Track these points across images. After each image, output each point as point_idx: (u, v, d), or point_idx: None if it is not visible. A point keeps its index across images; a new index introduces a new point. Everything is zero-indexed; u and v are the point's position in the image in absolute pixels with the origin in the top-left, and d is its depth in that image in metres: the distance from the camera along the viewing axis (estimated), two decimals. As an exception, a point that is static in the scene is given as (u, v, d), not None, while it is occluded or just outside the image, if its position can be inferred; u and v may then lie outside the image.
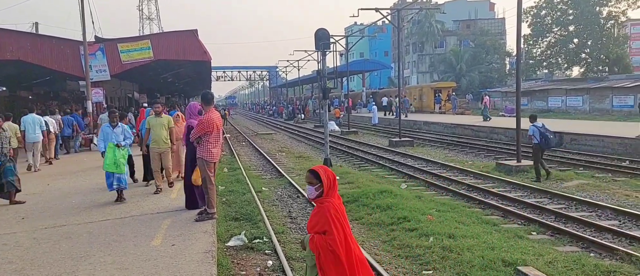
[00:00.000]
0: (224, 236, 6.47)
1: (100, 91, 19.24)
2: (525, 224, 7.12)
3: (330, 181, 2.82)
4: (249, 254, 5.95)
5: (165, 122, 8.07)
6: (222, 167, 13.25)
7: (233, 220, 7.54)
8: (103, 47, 19.58)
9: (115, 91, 28.12)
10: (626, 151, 13.11)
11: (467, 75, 50.41)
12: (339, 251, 2.68)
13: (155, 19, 71.91)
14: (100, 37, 21.55)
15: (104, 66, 19.45)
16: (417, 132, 23.25)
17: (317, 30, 13.33)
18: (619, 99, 28.94)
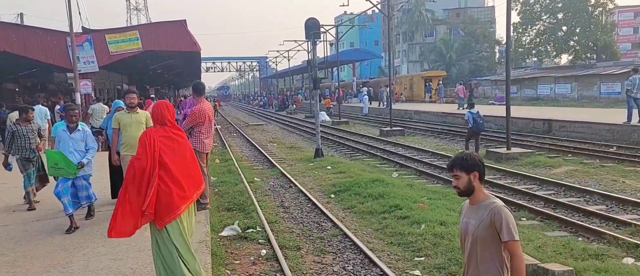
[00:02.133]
0: (217, 227, 6.48)
1: (89, 83, 18.98)
2: (515, 210, 7.22)
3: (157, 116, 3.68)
4: (242, 243, 5.98)
5: (143, 120, 6.03)
6: (214, 158, 13.21)
7: (226, 210, 7.55)
8: (91, 38, 19.28)
9: (104, 82, 27.76)
10: (613, 137, 13.31)
11: (457, 64, 50.61)
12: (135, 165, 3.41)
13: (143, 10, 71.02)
14: (87, 28, 21.20)
15: (92, 57, 19.17)
16: (408, 122, 23.35)
17: (307, 20, 13.26)
18: (607, 86, 29.30)
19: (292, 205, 8.02)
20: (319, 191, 9.05)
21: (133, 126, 5.94)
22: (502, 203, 2.28)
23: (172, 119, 3.73)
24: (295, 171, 11.45)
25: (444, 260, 5.10)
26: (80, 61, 18.52)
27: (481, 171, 2.34)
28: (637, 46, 59.04)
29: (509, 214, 2.22)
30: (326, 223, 6.86)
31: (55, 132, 5.63)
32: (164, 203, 3.39)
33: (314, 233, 6.41)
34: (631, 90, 12.93)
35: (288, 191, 9.13)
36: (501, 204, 2.25)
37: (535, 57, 49.58)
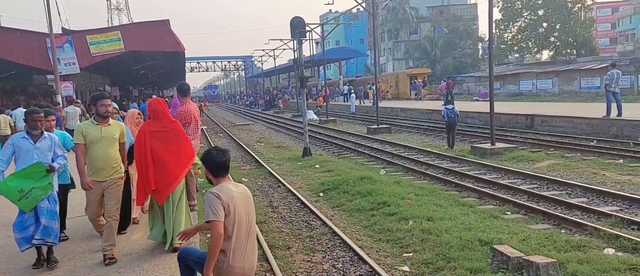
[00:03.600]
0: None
1: (70, 85, 18.67)
2: (500, 204, 7.36)
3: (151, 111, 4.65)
4: (231, 245, 5.96)
5: (116, 134, 4.54)
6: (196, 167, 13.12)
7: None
8: (71, 39, 18.97)
9: (86, 84, 27.32)
10: (593, 131, 13.63)
11: (441, 61, 51.11)
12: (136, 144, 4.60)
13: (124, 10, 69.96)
14: (67, 29, 20.84)
15: (72, 58, 18.86)
16: (395, 119, 23.51)
17: (292, 19, 13.26)
18: (587, 80, 29.94)
19: (280, 205, 8.03)
20: (307, 190, 9.08)
21: (102, 143, 4.40)
22: None
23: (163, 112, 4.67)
24: (283, 170, 11.45)
25: (432, 255, 5.18)
26: (61, 62, 18.22)
27: None
28: (615, 41, 60.47)
29: None
30: (315, 221, 6.89)
31: (12, 142, 4.37)
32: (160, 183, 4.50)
33: (303, 232, 6.44)
34: (609, 85, 13.24)
35: (276, 191, 9.13)
36: None
37: (517, 54, 50.38)
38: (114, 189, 4.49)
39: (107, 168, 4.43)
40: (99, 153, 4.42)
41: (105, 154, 4.44)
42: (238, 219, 2.94)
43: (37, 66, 18.63)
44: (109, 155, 4.48)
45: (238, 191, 3.03)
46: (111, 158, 4.48)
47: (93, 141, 4.41)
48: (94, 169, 4.44)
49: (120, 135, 4.62)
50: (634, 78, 27.33)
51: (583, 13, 45.40)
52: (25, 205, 4.20)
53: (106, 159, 4.44)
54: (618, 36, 60.85)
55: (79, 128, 4.48)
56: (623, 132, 12.71)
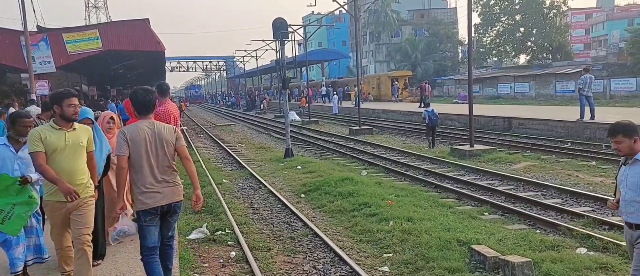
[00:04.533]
0: (184, 230, 6.39)
1: (45, 84, 18.19)
2: (478, 205, 7.50)
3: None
4: (211, 246, 5.92)
5: (83, 141, 3.64)
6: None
7: (194, 213, 7.43)
8: (47, 37, 18.51)
9: (62, 83, 26.63)
10: (568, 133, 14.02)
11: (422, 64, 51.73)
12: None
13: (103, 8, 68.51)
14: (43, 27, 20.31)
15: (48, 57, 18.40)
16: (376, 121, 23.70)
17: (274, 20, 13.22)
18: (562, 84, 30.80)
19: (262, 206, 8.00)
20: (289, 191, 9.07)
21: (67, 153, 3.50)
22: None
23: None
24: (264, 171, 11.41)
25: (411, 256, 5.25)
26: (36, 61, 17.75)
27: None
28: (589, 46, 62.34)
29: None
30: (296, 222, 6.89)
31: None
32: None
33: (284, 233, 6.43)
34: (583, 89, 13.64)
35: (257, 192, 9.09)
36: None
37: (495, 57, 51.45)
38: (83, 211, 3.54)
39: (74, 185, 3.44)
40: (64, 164, 3.44)
41: (72, 166, 3.48)
42: (145, 152, 3.46)
43: (10, 64, 18.11)
44: (76, 168, 3.51)
45: (151, 127, 3.54)
46: (78, 171, 3.52)
47: (55, 151, 3.43)
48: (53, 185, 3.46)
49: (88, 142, 3.65)
50: (606, 83, 28.25)
51: (558, 19, 46.72)
52: (11, 228, 3.59)
53: (73, 173, 3.48)
54: (592, 42, 62.73)
55: (36, 134, 3.44)
56: (596, 135, 13.11)
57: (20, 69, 17.96)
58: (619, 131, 2.95)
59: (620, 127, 2.96)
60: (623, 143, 2.93)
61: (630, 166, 2.98)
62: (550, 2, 44.70)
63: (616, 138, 2.96)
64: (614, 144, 3.00)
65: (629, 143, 2.92)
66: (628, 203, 2.97)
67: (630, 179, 2.96)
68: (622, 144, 2.94)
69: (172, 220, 3.71)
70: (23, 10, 16.57)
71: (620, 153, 3.01)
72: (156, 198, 3.49)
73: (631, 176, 2.96)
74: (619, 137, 2.94)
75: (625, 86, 27.60)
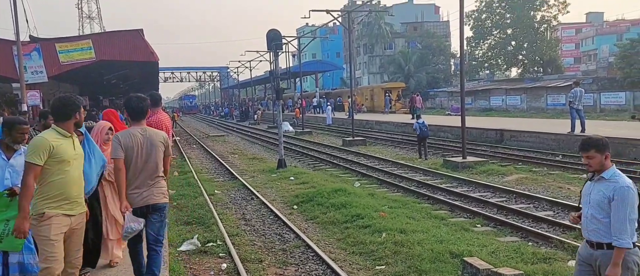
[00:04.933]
0: (175, 241, 6.31)
1: (37, 94, 18.04)
2: (470, 217, 7.51)
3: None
4: (202, 258, 5.85)
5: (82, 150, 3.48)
6: (172, 170, 12.87)
7: (185, 224, 7.37)
8: (39, 47, 18.41)
9: (54, 93, 26.46)
10: (559, 146, 14.13)
11: (415, 76, 52.15)
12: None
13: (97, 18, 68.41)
14: (35, 37, 20.22)
15: (40, 67, 18.28)
16: (370, 132, 23.75)
17: (268, 31, 13.29)
18: (553, 97, 31.16)
19: (254, 217, 7.94)
20: (281, 203, 9.02)
21: (76, 162, 3.28)
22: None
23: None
24: (257, 182, 11.35)
25: (404, 268, 5.22)
26: (28, 70, 17.63)
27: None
28: (579, 60, 63.29)
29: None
30: (289, 234, 6.84)
31: None
32: None
33: (276, 245, 6.38)
34: (573, 102, 13.80)
35: (250, 203, 9.03)
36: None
37: (487, 70, 52.02)
38: (81, 230, 3.39)
39: (80, 198, 3.31)
40: (75, 174, 3.24)
41: (81, 177, 3.33)
42: (135, 157, 3.67)
43: (2, 74, 17.97)
44: (82, 179, 3.37)
45: (144, 133, 3.75)
46: (82, 183, 3.38)
47: (66, 161, 3.16)
48: (64, 199, 3.16)
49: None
50: (596, 96, 28.63)
51: (549, 33, 47.44)
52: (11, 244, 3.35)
53: (81, 185, 3.34)
54: (582, 56, 63.72)
55: (43, 143, 3.07)
56: (586, 147, 13.22)
57: (11, 79, 17.81)
58: (592, 146, 2.86)
59: (593, 142, 2.87)
60: (595, 158, 2.84)
61: (595, 183, 2.89)
62: (541, 16, 45.45)
63: (588, 152, 2.86)
64: (585, 159, 2.89)
65: (600, 159, 2.84)
66: (589, 220, 2.89)
67: (593, 196, 2.88)
68: (594, 160, 2.85)
69: (154, 220, 3.79)
70: (16, 19, 16.50)
71: (590, 169, 2.91)
72: (139, 199, 3.71)
73: (594, 193, 2.87)
74: (591, 152, 2.85)
75: (615, 99, 28.00)
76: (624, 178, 2.85)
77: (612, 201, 2.77)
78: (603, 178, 2.85)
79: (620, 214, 2.74)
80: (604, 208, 2.81)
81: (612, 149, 10.43)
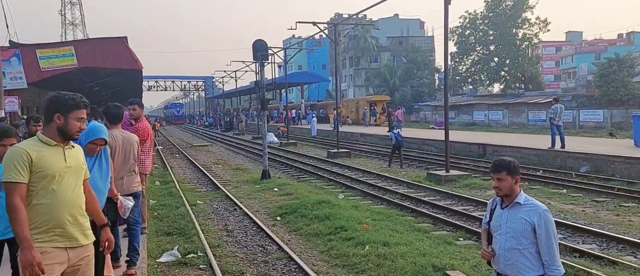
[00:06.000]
0: (155, 252, 6.16)
1: (15, 100, 17.59)
2: (453, 230, 7.54)
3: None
4: (182, 269, 5.72)
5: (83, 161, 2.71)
6: (153, 180, 12.66)
7: (165, 235, 7.22)
8: (19, 52, 18.01)
9: (34, 100, 25.91)
10: (540, 161, 14.38)
11: (400, 89, 52.72)
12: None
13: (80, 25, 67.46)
14: (15, 42, 19.81)
15: (20, 73, 17.86)
16: (355, 144, 23.82)
17: (254, 42, 13.28)
18: (534, 113, 31.79)
19: (236, 228, 7.83)
20: (264, 214, 8.92)
21: (67, 178, 2.52)
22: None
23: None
24: (240, 193, 11.23)
25: (387, 281, 5.18)
26: (6, 76, 17.20)
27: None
28: (559, 78, 64.93)
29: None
30: (271, 246, 6.75)
31: None
32: None
33: (259, 257, 6.28)
34: (554, 118, 14.10)
35: (232, 214, 8.91)
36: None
37: (471, 85, 52.89)
38: (88, 269, 2.63)
39: (78, 224, 2.53)
40: (66, 195, 2.48)
41: (75, 199, 2.53)
42: (117, 154, 4.42)
43: (-21, 78, 17.50)
44: (80, 201, 2.58)
45: (122, 135, 4.60)
46: (82, 206, 2.59)
47: (53, 177, 2.44)
48: (56, 226, 2.45)
49: (84, 164, 2.71)
50: (575, 113, 29.33)
51: (530, 50, 48.63)
52: None
53: (76, 209, 2.54)
54: (561, 73, 65.41)
55: (20, 153, 2.41)
56: (566, 163, 13.49)
57: (-11, 84, 17.36)
58: (504, 168, 2.66)
59: (505, 164, 2.67)
60: (505, 181, 2.64)
61: (510, 210, 2.66)
62: (523, 34, 46.58)
63: (500, 174, 2.65)
64: (495, 181, 2.67)
65: (511, 183, 2.65)
66: (507, 251, 2.61)
67: (510, 225, 2.62)
68: (504, 183, 2.64)
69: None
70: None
71: (499, 193, 2.68)
72: (121, 189, 4.30)
73: (512, 221, 2.62)
74: (502, 174, 2.64)
75: (593, 117, 28.71)
76: (538, 202, 2.68)
77: (538, 229, 2.56)
78: (518, 203, 2.65)
79: (549, 240, 2.54)
80: (528, 237, 2.57)
81: (592, 165, 10.69)
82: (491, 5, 46.31)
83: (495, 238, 2.72)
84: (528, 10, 45.40)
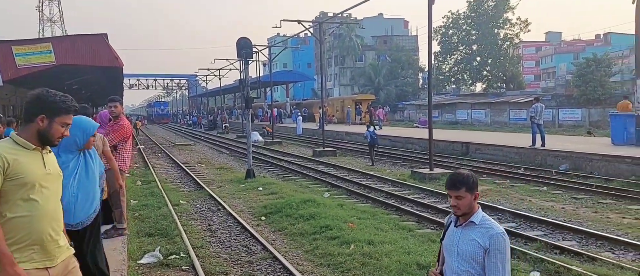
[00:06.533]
0: (136, 254, 6.04)
1: (-10, 97, 17.09)
2: (437, 228, 7.58)
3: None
4: (164, 271, 5.62)
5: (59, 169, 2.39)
6: (134, 180, 12.43)
7: (147, 236, 7.08)
8: (-6, 48, 17.48)
9: (10, 98, 25.21)
10: (521, 159, 14.62)
11: (384, 88, 53.05)
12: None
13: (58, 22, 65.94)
14: (-9, 38, 19.21)
15: (-5, 69, 17.35)
16: (340, 143, 23.84)
17: (238, 39, 13.16)
18: (515, 112, 32.35)
19: (220, 228, 7.73)
20: (249, 214, 8.84)
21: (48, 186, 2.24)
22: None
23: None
24: (224, 193, 11.11)
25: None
26: (-19, 72, 16.69)
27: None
28: (539, 77, 66.21)
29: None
30: (256, 246, 6.69)
31: None
32: None
33: (243, 257, 6.22)
34: (534, 117, 14.35)
35: (216, 214, 8.81)
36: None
37: (454, 84, 53.54)
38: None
39: (58, 238, 2.27)
40: (48, 206, 2.22)
41: (56, 209, 2.28)
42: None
43: (-48, 75, 16.95)
44: (60, 212, 2.33)
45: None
46: (61, 216, 2.33)
47: (32, 185, 2.16)
48: (35, 243, 2.17)
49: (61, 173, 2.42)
50: (555, 112, 29.94)
51: (511, 50, 49.47)
52: None
53: (58, 220, 2.29)
54: (541, 73, 66.71)
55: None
56: (546, 161, 13.74)
57: (-37, 81, 16.83)
58: (463, 184, 2.31)
59: (464, 180, 2.32)
60: (465, 198, 2.29)
61: (464, 229, 2.33)
62: (504, 34, 47.37)
63: (458, 191, 2.30)
64: (453, 200, 2.31)
65: (470, 200, 2.31)
66: (459, 275, 2.32)
67: (462, 246, 2.31)
68: (464, 201, 2.30)
69: None
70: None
71: (457, 212, 2.33)
72: None
73: (464, 242, 2.30)
74: (461, 191, 2.29)
75: (572, 115, 29.36)
76: (495, 222, 2.36)
77: (489, 252, 2.24)
78: (472, 222, 2.31)
79: (499, 267, 2.22)
80: (480, 260, 2.27)
81: (571, 163, 10.86)
82: (473, 6, 46.96)
83: (447, 260, 2.40)
84: (509, 10, 46.19)
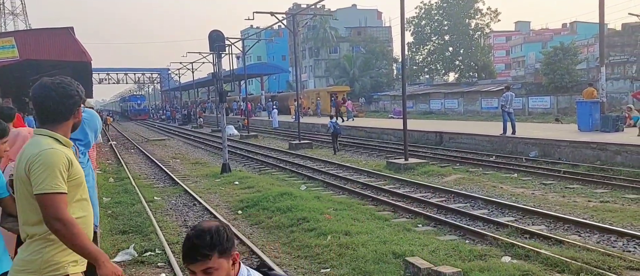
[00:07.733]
0: (109, 252, 5.91)
1: (-51, 94, 16.28)
2: (412, 217, 7.73)
3: None
4: (139, 268, 5.54)
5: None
6: (107, 177, 12.14)
7: (120, 233, 6.95)
8: (-49, 42, 16.61)
9: (-30, 94, 24.01)
10: (493, 147, 15.00)
11: (359, 80, 53.29)
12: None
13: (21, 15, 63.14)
14: (-53, 31, 18.25)
15: (-47, 64, 16.51)
16: (316, 135, 23.86)
17: (210, 32, 12.93)
18: (487, 101, 33.12)
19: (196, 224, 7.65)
20: (225, 208, 8.78)
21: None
22: None
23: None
24: (200, 188, 10.98)
25: (349, 270, 5.25)
26: (-62, 68, 15.85)
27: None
28: (509, 66, 67.85)
29: None
30: (232, 241, 6.65)
31: None
32: None
33: (220, 253, 6.17)
34: (505, 105, 14.72)
35: (192, 210, 8.70)
36: None
37: (427, 75, 54.32)
38: None
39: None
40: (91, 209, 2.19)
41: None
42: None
43: None
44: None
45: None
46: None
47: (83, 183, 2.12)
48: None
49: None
50: (525, 100, 30.80)
51: (482, 40, 50.48)
52: None
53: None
54: (512, 62, 68.34)
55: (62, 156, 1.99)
56: (517, 148, 14.15)
57: None
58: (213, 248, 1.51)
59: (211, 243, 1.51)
60: (219, 270, 1.52)
61: None
62: (475, 24, 48.26)
63: (206, 262, 1.50)
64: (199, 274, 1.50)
65: (227, 268, 1.54)
66: None
67: None
68: (219, 272, 1.52)
69: None
70: None
71: None
72: None
73: None
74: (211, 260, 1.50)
75: (541, 103, 30.29)
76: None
77: None
78: None
79: None
80: None
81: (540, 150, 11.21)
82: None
83: None
84: (480, 0, 46.97)
